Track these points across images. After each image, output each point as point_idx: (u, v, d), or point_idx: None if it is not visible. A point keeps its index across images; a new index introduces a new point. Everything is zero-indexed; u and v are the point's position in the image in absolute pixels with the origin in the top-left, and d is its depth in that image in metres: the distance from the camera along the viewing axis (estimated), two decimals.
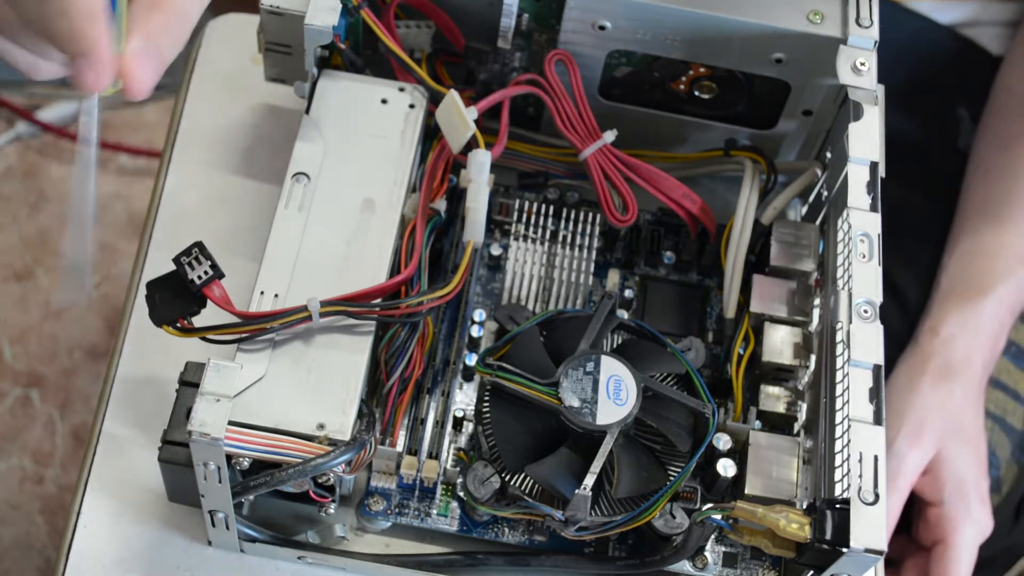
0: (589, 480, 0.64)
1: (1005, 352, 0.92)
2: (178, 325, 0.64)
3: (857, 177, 0.68)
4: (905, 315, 0.90)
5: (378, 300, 0.67)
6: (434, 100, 0.73)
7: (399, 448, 0.69)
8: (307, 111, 0.72)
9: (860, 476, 0.60)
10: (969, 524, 0.81)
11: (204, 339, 0.64)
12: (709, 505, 0.65)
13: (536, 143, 0.79)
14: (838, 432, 0.63)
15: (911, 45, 0.96)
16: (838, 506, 0.61)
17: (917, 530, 0.84)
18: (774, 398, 0.71)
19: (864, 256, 0.66)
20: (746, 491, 0.67)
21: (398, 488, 0.69)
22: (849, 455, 0.61)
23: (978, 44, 0.97)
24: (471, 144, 0.71)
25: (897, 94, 0.80)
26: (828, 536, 0.60)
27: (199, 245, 0.63)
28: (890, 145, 0.70)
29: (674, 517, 0.66)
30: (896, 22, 0.94)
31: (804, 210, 0.78)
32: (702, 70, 0.77)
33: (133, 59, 0.57)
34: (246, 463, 0.63)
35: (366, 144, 0.72)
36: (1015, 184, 0.90)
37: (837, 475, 0.62)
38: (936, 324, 0.86)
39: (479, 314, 0.74)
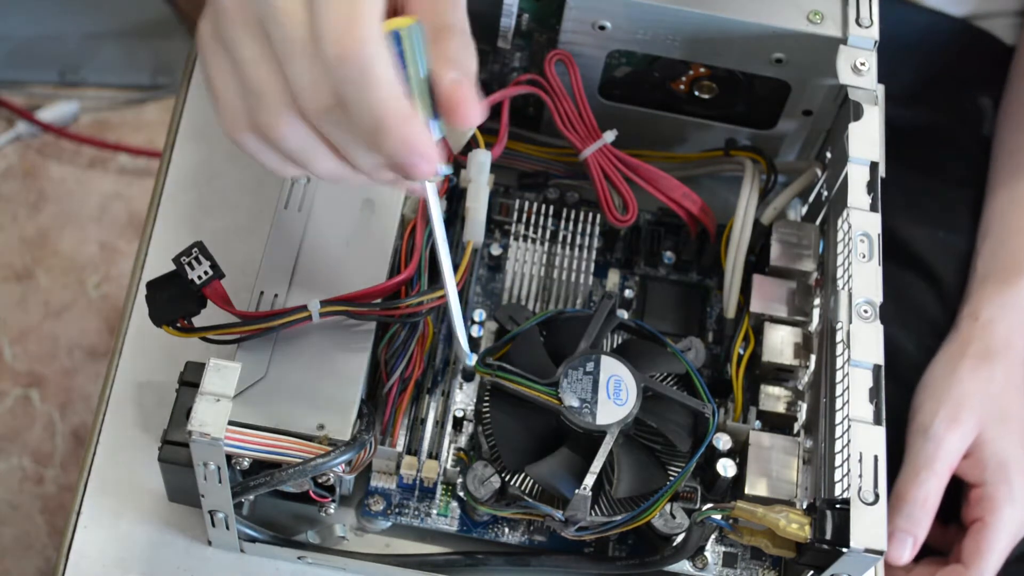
0: (589, 480, 0.64)
1: None
2: (178, 325, 0.64)
3: (857, 177, 0.68)
4: (941, 300, 0.89)
5: (378, 300, 0.67)
6: None
7: (399, 448, 0.69)
8: None
9: (860, 476, 0.60)
10: (1010, 505, 0.80)
11: (204, 339, 0.64)
12: (709, 505, 0.65)
13: (536, 143, 0.79)
14: (838, 432, 0.63)
15: (926, 40, 0.96)
16: (838, 506, 0.61)
17: (962, 514, 0.82)
18: (774, 398, 0.71)
19: (864, 256, 0.66)
20: (746, 491, 0.67)
21: (398, 488, 0.69)
22: (849, 455, 0.61)
23: (992, 34, 0.97)
24: (471, 144, 0.71)
25: (918, 88, 0.79)
26: (828, 536, 0.60)
27: (199, 245, 0.63)
28: (916, 137, 0.69)
29: (674, 517, 0.66)
30: (909, 19, 0.94)
31: (804, 210, 0.78)
32: (702, 70, 0.77)
33: (455, 90, 0.55)
34: (246, 463, 0.63)
35: None
36: None
37: (837, 475, 0.62)
38: (975, 309, 0.85)
39: (479, 314, 0.74)
